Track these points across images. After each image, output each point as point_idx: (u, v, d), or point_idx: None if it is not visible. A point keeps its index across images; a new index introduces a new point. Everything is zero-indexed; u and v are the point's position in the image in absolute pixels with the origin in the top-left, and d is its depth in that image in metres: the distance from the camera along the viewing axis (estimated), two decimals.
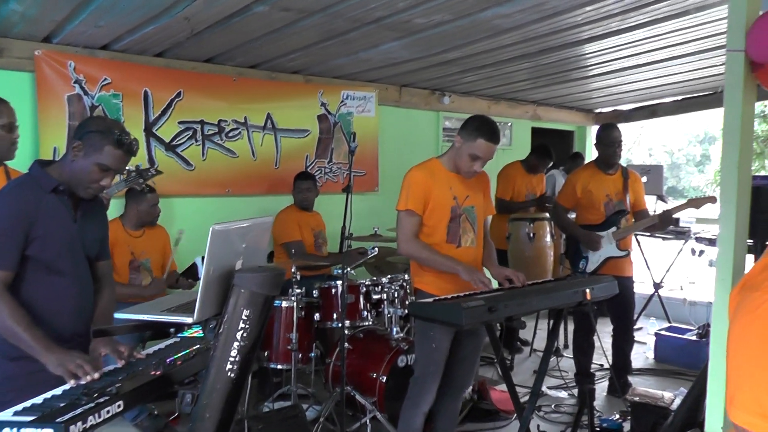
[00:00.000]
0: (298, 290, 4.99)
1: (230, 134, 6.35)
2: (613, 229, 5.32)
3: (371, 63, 6.32)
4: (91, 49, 5.52)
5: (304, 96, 6.86)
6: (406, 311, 4.98)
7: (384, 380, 4.70)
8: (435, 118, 8.25)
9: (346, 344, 4.75)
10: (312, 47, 5.60)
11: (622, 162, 5.55)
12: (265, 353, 4.98)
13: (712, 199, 5.11)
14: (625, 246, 5.39)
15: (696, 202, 5.21)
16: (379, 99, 7.43)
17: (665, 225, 5.30)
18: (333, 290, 5.14)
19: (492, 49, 5.74)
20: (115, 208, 5.08)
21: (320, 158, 7.02)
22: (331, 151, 7.11)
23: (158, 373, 2.50)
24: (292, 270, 5.02)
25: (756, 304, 1.28)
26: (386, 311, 5.06)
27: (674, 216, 5.51)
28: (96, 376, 2.40)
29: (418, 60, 6.17)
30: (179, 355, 2.74)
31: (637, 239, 8.00)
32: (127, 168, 3.59)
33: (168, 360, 2.65)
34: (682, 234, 7.68)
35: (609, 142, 5.33)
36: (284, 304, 5.01)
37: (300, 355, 4.97)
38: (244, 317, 2.38)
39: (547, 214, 6.43)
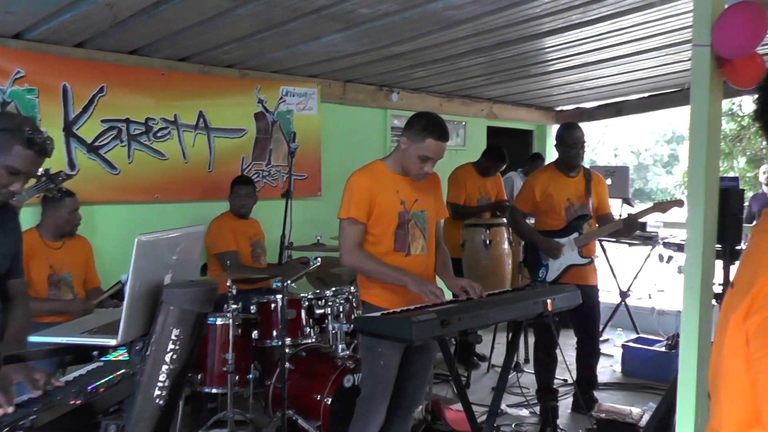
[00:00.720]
0: (234, 306, 4.94)
1: (159, 134, 6.26)
2: (575, 234, 5.38)
3: (312, 56, 6.30)
4: (2, 38, 5.38)
5: (239, 92, 6.81)
6: (352, 326, 4.97)
7: (329, 402, 4.68)
8: (382, 116, 8.27)
9: (287, 364, 4.72)
10: (248, 39, 5.56)
11: (586, 163, 5.62)
12: (198, 376, 4.92)
13: (679, 203, 5.21)
14: (588, 253, 5.46)
15: (662, 206, 5.30)
16: (321, 95, 7.41)
17: (630, 230, 5.39)
18: (272, 305, 5.12)
19: (443, 42, 5.78)
20: (28, 218, 4.95)
21: (257, 160, 6.97)
22: (270, 152, 7.07)
23: (79, 402, 2.44)
24: (228, 283, 4.97)
25: None
26: (331, 327, 5.05)
27: (640, 220, 5.60)
28: (10, 410, 2.33)
29: (363, 53, 6.18)
30: (102, 381, 2.68)
31: (602, 245, 8.13)
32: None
33: (89, 387, 2.59)
34: (650, 239, 7.81)
35: (571, 142, 5.39)
36: (219, 321, 4.96)
37: (237, 378, 4.91)
38: (173, 337, 2.34)
39: (504, 220, 6.49)
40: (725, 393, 1.44)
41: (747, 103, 16.11)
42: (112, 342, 2.42)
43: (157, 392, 2.33)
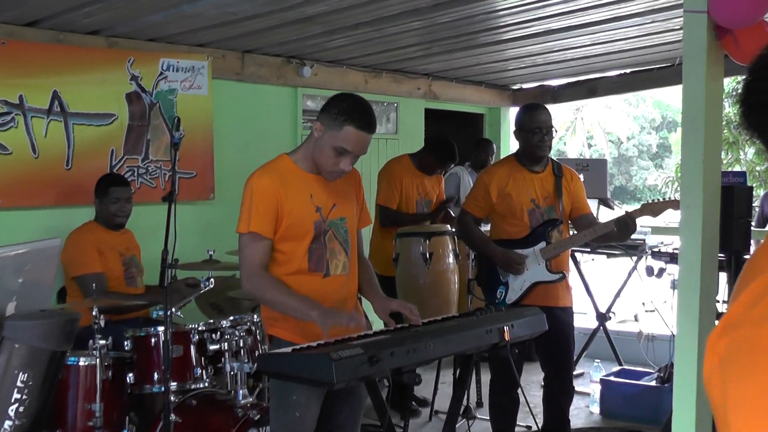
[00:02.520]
0: (103, 342, 4.86)
1: None
2: (542, 244, 5.37)
3: (201, 20, 6.27)
4: None
5: (106, 66, 6.74)
6: (256, 366, 4.94)
7: None
8: (292, 96, 8.27)
9: (173, 416, 4.67)
10: None
11: (552, 155, 5.65)
12: None
13: (674, 204, 5.21)
14: (559, 267, 5.44)
15: (652, 208, 5.29)
16: (213, 70, 7.39)
17: (626, 233, 5.25)
18: (152, 340, 5.06)
19: (369, 1, 5.79)
20: None
21: (131, 154, 6.91)
22: (147, 143, 7.01)
23: None
24: (93, 313, 4.89)
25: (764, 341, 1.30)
26: (228, 367, 5.01)
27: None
28: None
29: (266, 16, 6.16)
30: None
31: (573, 258, 8.21)
32: None
33: None
34: (635, 248, 7.84)
35: (533, 127, 5.37)
36: (82, 361, 4.87)
37: None
38: (20, 383, 2.30)
39: (449, 227, 6.50)
40: None
41: None
42: None
43: None
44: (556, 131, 5.59)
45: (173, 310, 4.79)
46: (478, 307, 4.43)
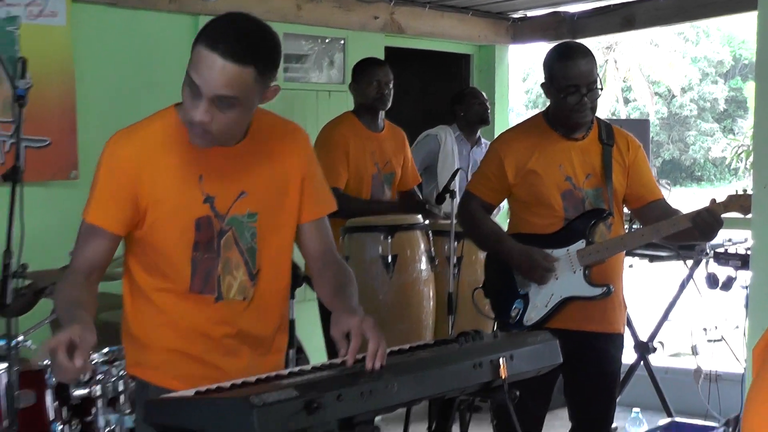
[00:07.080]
0: None
1: None
2: (580, 244, 5.30)
3: None
4: None
5: None
6: (143, 418, 4.96)
7: None
8: (190, 28, 8.28)
9: None
10: None
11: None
12: None
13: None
14: (604, 277, 5.35)
15: (743, 202, 5.11)
16: None
17: (708, 232, 5.22)
18: None
19: None
20: None
21: None
22: None
23: None
24: None
25: None
26: (102, 421, 5.03)
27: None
28: None
29: None
30: None
31: None
32: None
33: None
34: (690, 249, 7.73)
35: (567, 84, 5.26)
36: None
37: None
38: None
39: (420, 218, 6.51)
40: None
41: None
42: None
43: None
44: (602, 89, 5.39)
45: (21, 339, 4.82)
46: (462, 332, 4.38)
